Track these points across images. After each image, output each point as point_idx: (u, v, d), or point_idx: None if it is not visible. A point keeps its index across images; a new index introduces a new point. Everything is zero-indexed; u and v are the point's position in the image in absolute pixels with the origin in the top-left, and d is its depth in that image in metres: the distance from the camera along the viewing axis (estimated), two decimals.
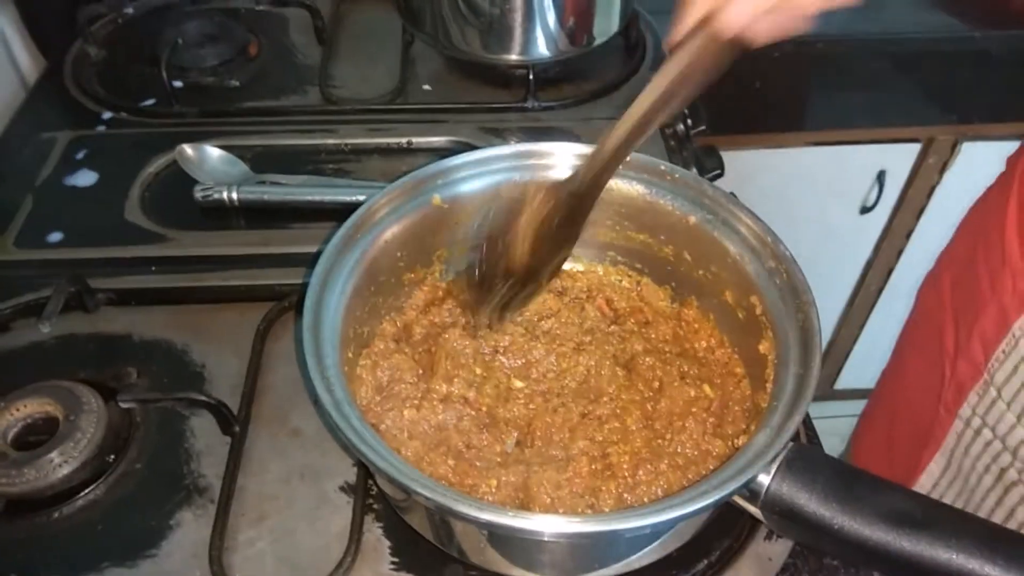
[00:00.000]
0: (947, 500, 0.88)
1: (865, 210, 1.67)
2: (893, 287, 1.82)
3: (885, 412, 1.04)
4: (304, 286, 0.58)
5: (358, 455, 0.49)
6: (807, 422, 0.79)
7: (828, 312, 1.93)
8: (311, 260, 0.61)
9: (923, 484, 0.91)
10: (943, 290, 0.91)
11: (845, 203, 1.67)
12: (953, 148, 1.57)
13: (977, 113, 1.53)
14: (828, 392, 2.10)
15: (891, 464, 0.96)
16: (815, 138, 1.56)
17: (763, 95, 1.52)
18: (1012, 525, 0.79)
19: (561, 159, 0.67)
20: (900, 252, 1.77)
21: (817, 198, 1.65)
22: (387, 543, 0.64)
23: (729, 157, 1.55)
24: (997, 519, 0.81)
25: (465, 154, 0.66)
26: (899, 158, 1.60)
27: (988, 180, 0.93)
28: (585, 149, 0.66)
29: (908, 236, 1.73)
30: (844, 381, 2.05)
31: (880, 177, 1.61)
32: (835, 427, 1.23)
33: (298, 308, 0.59)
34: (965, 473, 0.85)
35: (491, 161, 0.67)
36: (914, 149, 1.58)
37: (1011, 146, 1.55)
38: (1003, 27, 1.44)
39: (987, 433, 0.81)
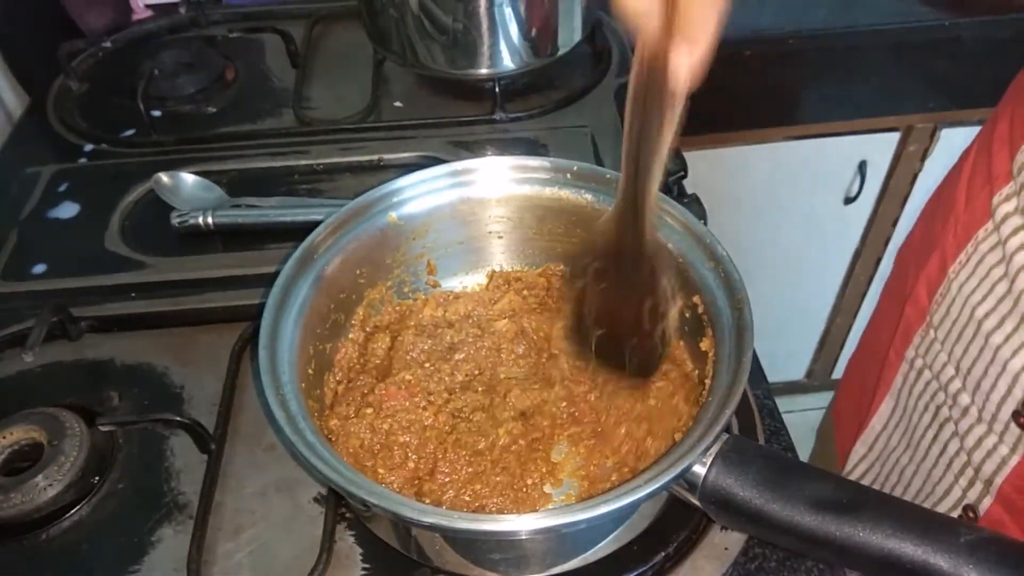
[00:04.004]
0: (893, 440, 0.91)
1: (849, 201, 1.68)
2: (882, 276, 1.83)
3: (857, 360, 1.07)
4: (261, 307, 0.61)
5: (310, 468, 0.51)
6: (774, 414, 0.81)
7: (820, 303, 1.94)
8: (272, 280, 0.63)
9: (874, 426, 0.94)
10: (914, 241, 0.94)
11: (828, 195, 1.69)
12: (932, 135, 1.58)
13: (953, 99, 1.54)
14: (826, 382, 2.11)
15: (857, 409, 0.99)
16: (794, 132, 1.58)
17: (739, 93, 1.53)
18: (945, 459, 0.82)
19: (497, 174, 0.70)
20: (887, 240, 1.78)
21: (801, 191, 1.67)
22: (359, 551, 0.66)
23: (711, 155, 1.58)
24: (933, 454, 0.84)
25: (414, 173, 0.69)
26: (879, 148, 1.61)
27: None
28: (516, 161, 0.69)
29: (894, 224, 1.74)
30: (841, 370, 2.06)
31: (861, 167, 1.62)
32: None
33: (255, 329, 0.61)
34: (909, 412, 0.88)
35: (438, 179, 0.69)
36: (893, 138, 1.60)
37: None
38: (972, 13, 1.45)
39: (927, 373, 0.84)
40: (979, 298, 0.75)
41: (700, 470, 0.52)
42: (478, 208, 0.72)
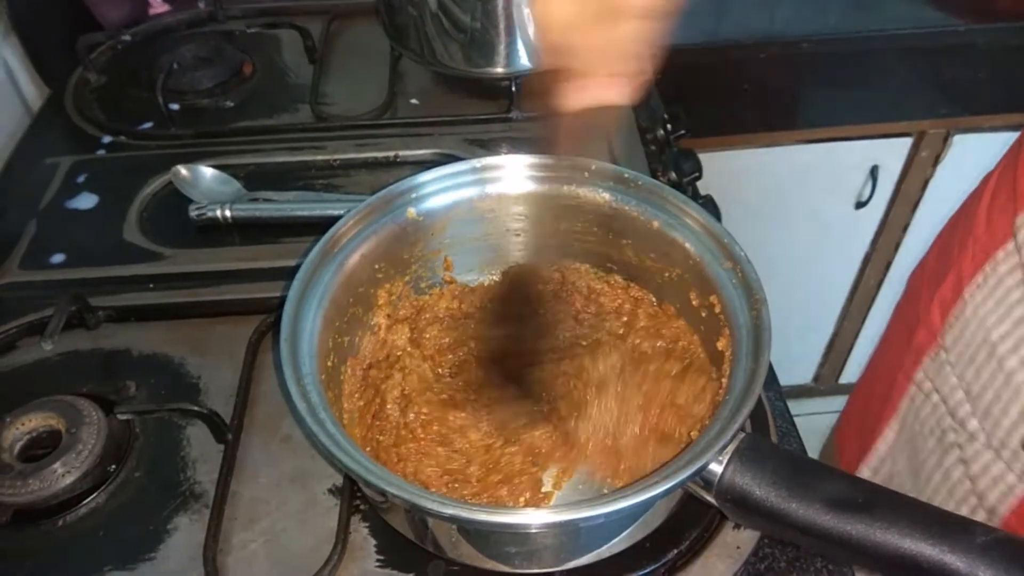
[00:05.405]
0: (898, 464, 0.90)
1: (860, 205, 1.69)
2: (892, 280, 1.83)
3: (864, 385, 1.06)
4: (283, 299, 0.61)
5: (332, 459, 0.52)
6: (786, 416, 0.82)
7: (828, 307, 1.94)
8: (290, 273, 0.64)
9: (879, 449, 0.93)
10: (928, 264, 0.93)
11: (839, 199, 1.69)
12: (945, 141, 1.58)
13: (967, 106, 1.54)
14: (833, 386, 2.11)
15: (861, 434, 0.98)
16: (806, 136, 1.58)
17: (753, 96, 1.54)
18: (947, 486, 0.81)
19: (516, 172, 0.70)
20: (897, 245, 1.78)
21: (812, 195, 1.67)
22: (373, 542, 0.66)
23: (724, 157, 1.58)
24: (935, 481, 0.83)
25: (434, 169, 0.70)
26: (891, 152, 1.61)
27: (981, 172, 0.94)
28: (535, 159, 0.69)
29: (905, 229, 1.75)
30: (848, 375, 2.07)
31: (873, 172, 1.62)
32: None
33: (277, 321, 0.62)
34: (914, 437, 0.87)
35: (458, 175, 0.70)
36: (906, 143, 1.59)
37: (1003, 136, 1.56)
38: (987, 20, 1.46)
39: (935, 396, 0.83)
40: (995, 320, 0.74)
41: (717, 468, 0.52)
42: (497, 205, 0.72)
